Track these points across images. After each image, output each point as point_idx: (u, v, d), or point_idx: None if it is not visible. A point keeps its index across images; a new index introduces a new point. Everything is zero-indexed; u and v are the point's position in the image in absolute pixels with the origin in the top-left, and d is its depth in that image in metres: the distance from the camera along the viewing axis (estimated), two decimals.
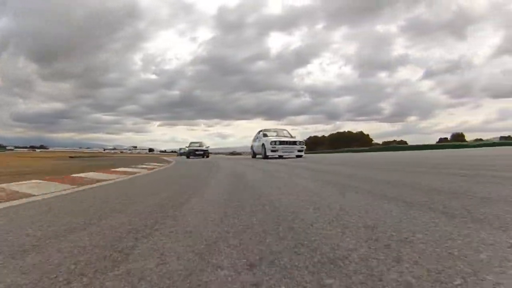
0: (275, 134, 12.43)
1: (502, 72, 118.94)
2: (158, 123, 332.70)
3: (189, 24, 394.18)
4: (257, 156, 12.59)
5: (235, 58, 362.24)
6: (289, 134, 12.71)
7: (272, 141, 10.76)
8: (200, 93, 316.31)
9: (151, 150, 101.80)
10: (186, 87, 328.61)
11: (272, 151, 10.63)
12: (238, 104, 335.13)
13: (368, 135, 69.65)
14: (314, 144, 64.29)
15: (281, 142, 10.84)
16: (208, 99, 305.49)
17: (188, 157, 17.54)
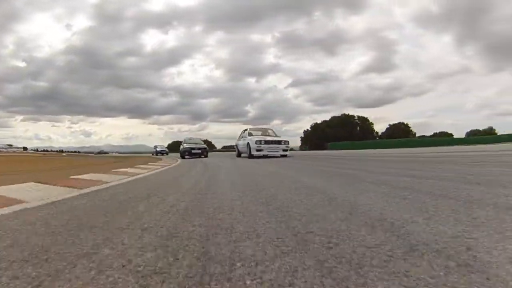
0: (260, 133, 12.40)
1: (366, 86, 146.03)
2: (21, 117, 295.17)
3: (67, 9, 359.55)
4: (242, 155, 12.52)
5: (107, 51, 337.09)
6: (274, 133, 12.73)
7: (257, 141, 10.69)
8: (67, 86, 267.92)
9: (25, 148, 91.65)
10: (53, 79, 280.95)
11: (257, 150, 10.54)
12: (104, 100, 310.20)
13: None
14: None
15: (266, 142, 10.76)
16: (74, 93, 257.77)
17: (183, 157, 14.56)
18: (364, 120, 60.60)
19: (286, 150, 11.28)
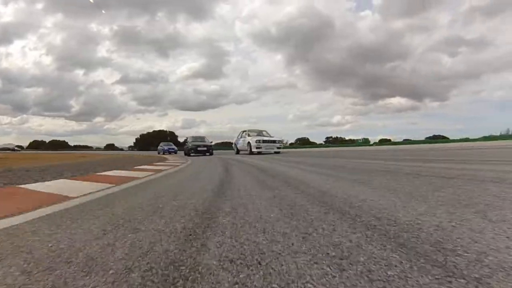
0: (255, 134, 14.88)
1: (193, 90, 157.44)
2: None
3: None
4: (241, 152, 14.97)
5: None
6: (268, 134, 15.22)
7: (257, 140, 13.33)
8: None
9: None
10: None
11: (257, 148, 13.11)
12: None
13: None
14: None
15: (264, 141, 13.43)
16: None
17: (188, 155, 14.73)
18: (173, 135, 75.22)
19: (280, 148, 14.04)
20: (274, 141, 13.81)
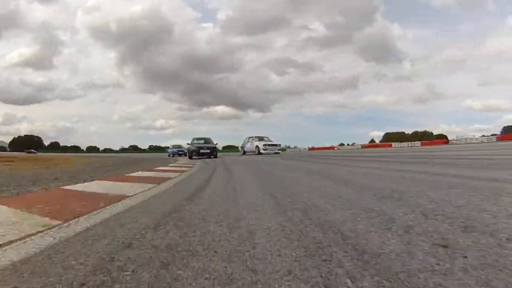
0: (257, 139, 19.00)
1: (19, 80, 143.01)
2: None
3: None
4: (247, 153, 19.11)
5: None
6: (269, 139, 19.23)
7: (264, 144, 18.02)
8: None
9: None
10: None
11: (264, 150, 17.63)
12: None
13: None
14: None
15: (270, 145, 18.18)
16: None
17: (190, 157, 13.93)
18: None
19: (280, 150, 19.46)
20: (275, 145, 18.46)
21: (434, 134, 74.29)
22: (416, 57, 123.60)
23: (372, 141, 72.81)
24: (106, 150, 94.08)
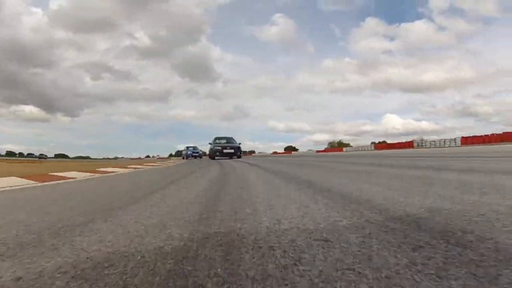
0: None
1: None
2: None
3: None
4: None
5: None
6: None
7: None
8: None
9: None
10: None
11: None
12: None
13: None
14: None
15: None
16: None
17: (213, 158, 12.97)
18: None
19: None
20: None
21: None
22: (230, 79, 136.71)
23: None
24: None
